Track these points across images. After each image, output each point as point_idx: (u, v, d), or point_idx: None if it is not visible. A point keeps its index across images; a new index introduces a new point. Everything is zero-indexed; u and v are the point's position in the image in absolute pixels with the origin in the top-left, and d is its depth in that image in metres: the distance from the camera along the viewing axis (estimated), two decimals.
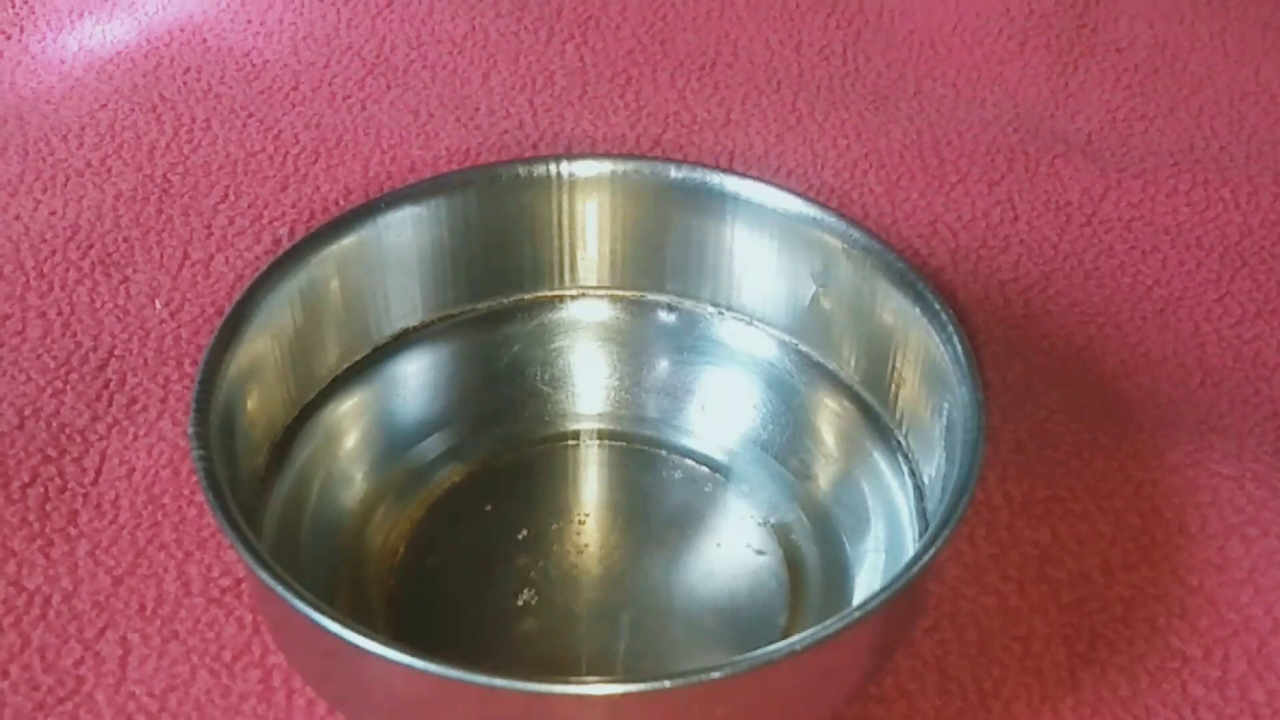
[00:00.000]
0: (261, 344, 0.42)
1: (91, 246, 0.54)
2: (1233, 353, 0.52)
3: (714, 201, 0.46)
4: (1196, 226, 0.57)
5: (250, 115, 0.61)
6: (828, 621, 0.34)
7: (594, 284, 0.48)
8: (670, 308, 0.48)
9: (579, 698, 0.33)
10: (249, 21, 0.66)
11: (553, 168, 0.46)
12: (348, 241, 0.44)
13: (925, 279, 0.42)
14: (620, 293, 0.48)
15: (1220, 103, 0.63)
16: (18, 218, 0.56)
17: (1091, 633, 0.43)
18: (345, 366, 0.46)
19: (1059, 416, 0.49)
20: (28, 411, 0.48)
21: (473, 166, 0.56)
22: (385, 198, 0.45)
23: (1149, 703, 0.41)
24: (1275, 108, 0.63)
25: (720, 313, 0.48)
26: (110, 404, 0.48)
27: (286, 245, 0.44)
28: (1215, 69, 0.64)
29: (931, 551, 0.36)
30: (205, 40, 0.65)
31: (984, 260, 0.55)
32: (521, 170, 0.46)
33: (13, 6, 0.65)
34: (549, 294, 0.48)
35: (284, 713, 0.40)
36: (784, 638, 0.38)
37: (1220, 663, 0.42)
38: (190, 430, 0.38)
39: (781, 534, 0.44)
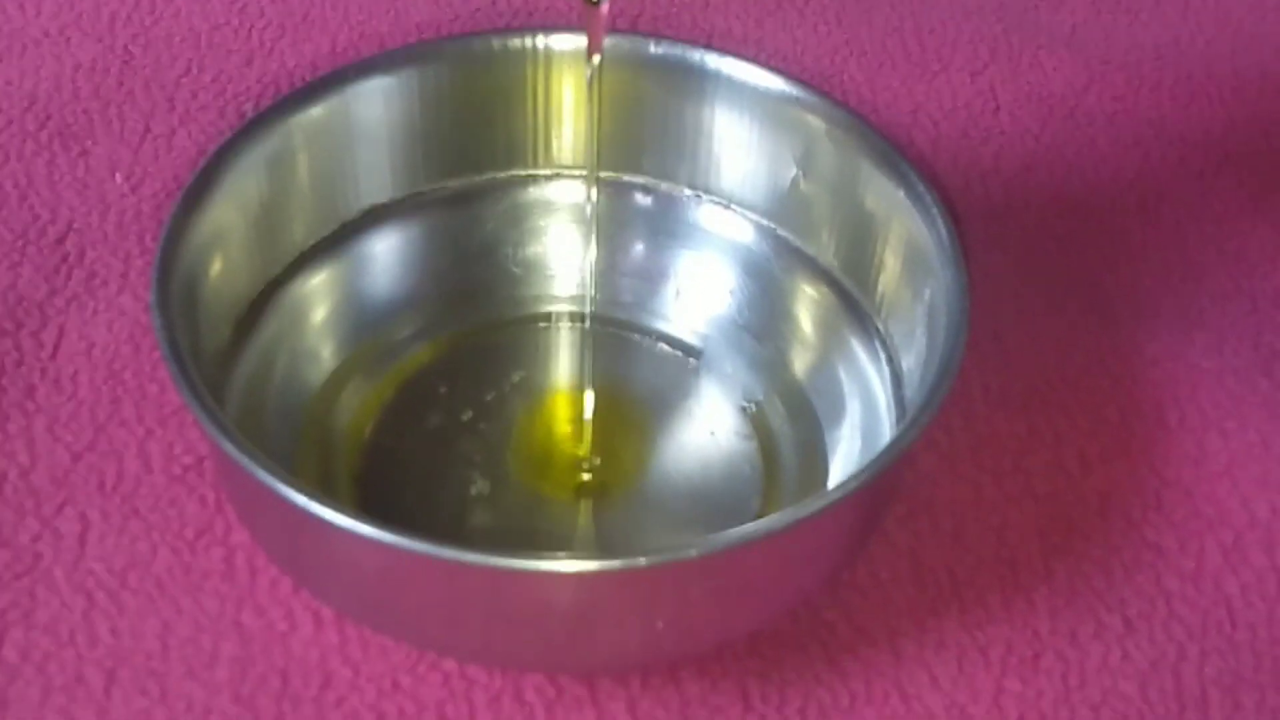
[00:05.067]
0: (226, 213, 0.40)
1: (49, 118, 0.53)
2: (1215, 248, 0.51)
3: (693, 80, 0.45)
4: (1180, 121, 0.56)
5: None
6: (804, 502, 0.34)
7: (569, 164, 0.47)
8: (646, 190, 0.47)
9: (551, 574, 0.32)
10: None
11: (529, 40, 0.45)
12: (316, 112, 0.43)
13: (910, 162, 0.41)
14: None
15: None
16: None
17: (1067, 525, 0.42)
18: (313, 242, 0.44)
19: (1038, 308, 0.48)
20: None
21: (446, 36, 0.55)
22: (355, 66, 0.44)
23: (1123, 595, 0.41)
24: (1262, 1, 0.62)
25: (697, 196, 0.46)
26: (69, 278, 0.47)
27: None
28: None
29: (910, 436, 0.35)
30: None
31: (965, 151, 0.54)
32: (496, 42, 0.45)
33: None
34: (523, 173, 0.47)
35: (247, 590, 0.40)
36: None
37: (1195, 555, 0.42)
38: (151, 299, 0.36)
39: (756, 418, 0.44)
